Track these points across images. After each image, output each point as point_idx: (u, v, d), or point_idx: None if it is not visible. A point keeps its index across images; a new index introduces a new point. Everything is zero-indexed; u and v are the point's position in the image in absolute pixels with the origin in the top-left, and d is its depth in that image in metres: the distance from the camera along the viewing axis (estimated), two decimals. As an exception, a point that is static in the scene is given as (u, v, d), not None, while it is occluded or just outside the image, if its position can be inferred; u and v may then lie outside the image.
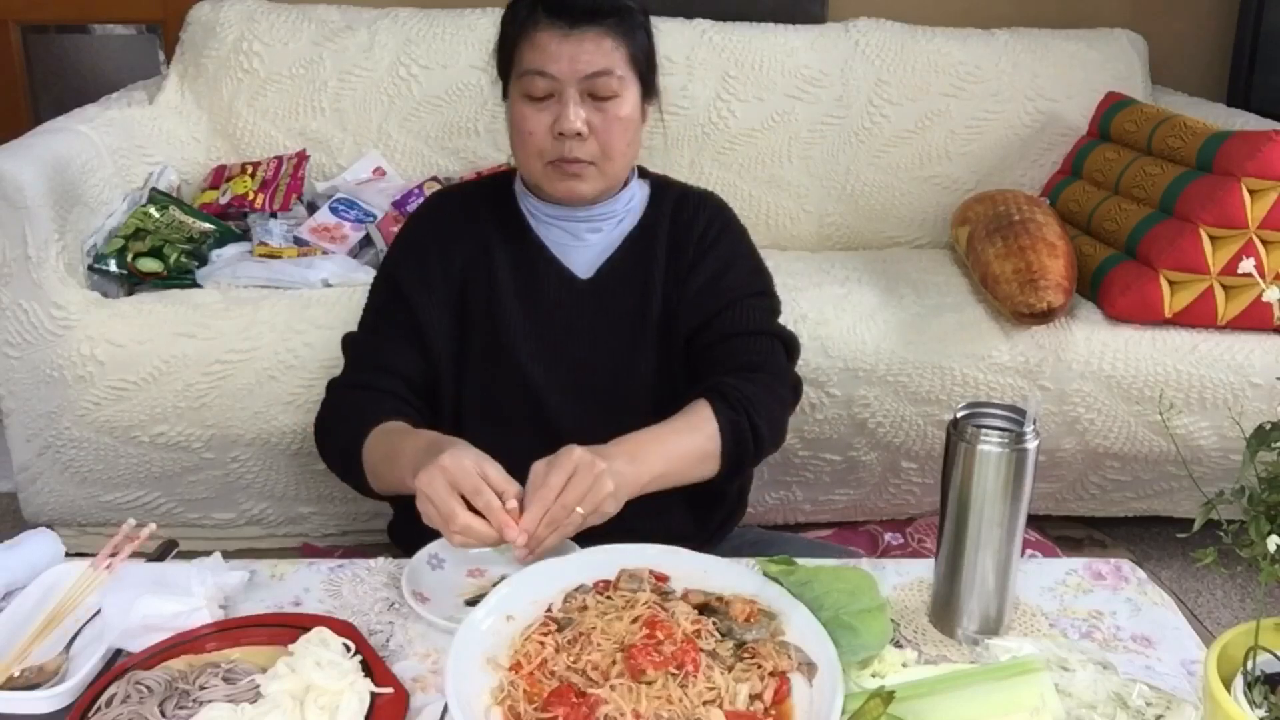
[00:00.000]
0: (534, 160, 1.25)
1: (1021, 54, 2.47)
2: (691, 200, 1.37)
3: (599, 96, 1.21)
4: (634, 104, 1.25)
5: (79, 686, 0.87)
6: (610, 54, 1.20)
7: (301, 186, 2.27)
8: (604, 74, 1.20)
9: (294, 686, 0.83)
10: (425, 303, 1.29)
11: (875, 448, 1.96)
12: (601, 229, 1.32)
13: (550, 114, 1.21)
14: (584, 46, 1.19)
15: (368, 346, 1.32)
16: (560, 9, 1.20)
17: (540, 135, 1.22)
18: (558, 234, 1.32)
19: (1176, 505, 2.09)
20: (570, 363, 1.30)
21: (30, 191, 1.73)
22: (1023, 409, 0.94)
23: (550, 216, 1.31)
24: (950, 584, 0.97)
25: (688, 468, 1.17)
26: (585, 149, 1.22)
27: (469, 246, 1.32)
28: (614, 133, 1.23)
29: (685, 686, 0.82)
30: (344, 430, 1.23)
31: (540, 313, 1.30)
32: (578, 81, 1.20)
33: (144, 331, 1.80)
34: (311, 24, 2.39)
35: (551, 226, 1.32)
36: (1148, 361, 1.91)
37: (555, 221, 1.31)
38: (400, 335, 1.29)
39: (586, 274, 1.32)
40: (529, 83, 1.21)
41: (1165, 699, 0.87)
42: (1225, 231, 1.87)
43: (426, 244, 1.33)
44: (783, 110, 2.42)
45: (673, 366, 1.32)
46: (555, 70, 1.19)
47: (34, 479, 1.90)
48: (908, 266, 2.19)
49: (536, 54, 1.20)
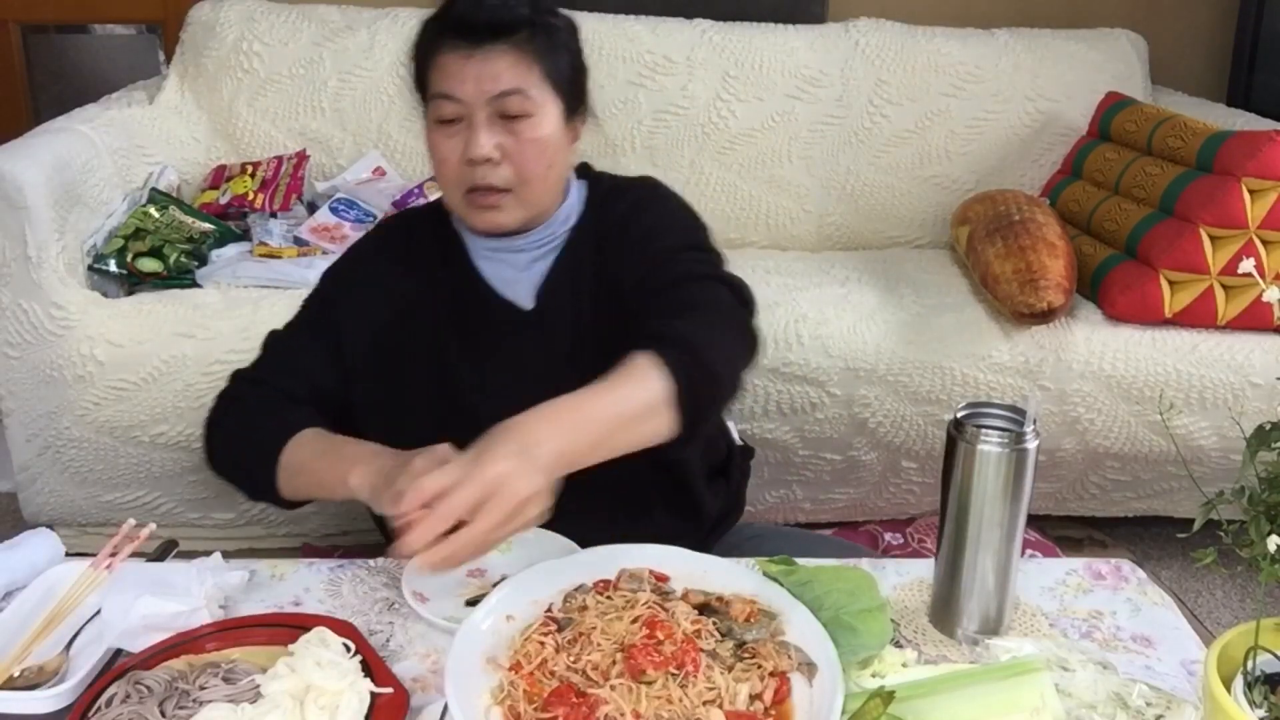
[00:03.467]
0: (452, 190, 1.17)
1: (1021, 54, 2.47)
2: (616, 192, 1.27)
3: (510, 117, 1.12)
4: (553, 123, 1.15)
5: (79, 686, 0.87)
6: (520, 72, 1.12)
7: (301, 186, 2.27)
8: (513, 93, 1.12)
9: (294, 686, 0.83)
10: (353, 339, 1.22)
11: (875, 447, 1.96)
12: (541, 255, 1.23)
13: (461, 139, 1.13)
14: (489, 66, 1.11)
15: (287, 351, 1.24)
16: (461, 27, 1.12)
17: (453, 163, 1.14)
18: (499, 267, 1.23)
19: (1176, 505, 2.09)
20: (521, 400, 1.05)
21: (30, 191, 1.73)
22: (1023, 409, 0.94)
23: (488, 250, 1.23)
24: (950, 584, 0.97)
25: (634, 426, 0.98)
26: (499, 175, 1.14)
27: (409, 285, 1.23)
28: (529, 156, 1.14)
29: (685, 686, 0.82)
30: (256, 425, 1.16)
31: (484, 351, 1.22)
32: (486, 103, 1.11)
33: (144, 331, 1.80)
34: (311, 24, 2.39)
35: (491, 260, 1.23)
36: (1148, 361, 1.91)
37: (494, 254, 1.23)
38: (322, 350, 1.22)
39: (529, 304, 1.23)
40: (437, 107, 1.14)
41: (1165, 699, 0.87)
42: (1225, 231, 1.87)
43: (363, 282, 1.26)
44: (783, 110, 2.42)
45: None
46: (460, 92, 1.11)
47: (34, 479, 1.90)
48: (908, 266, 2.19)
49: (441, 76, 1.13)
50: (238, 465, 1.19)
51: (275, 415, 1.17)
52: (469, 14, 1.12)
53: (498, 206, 1.16)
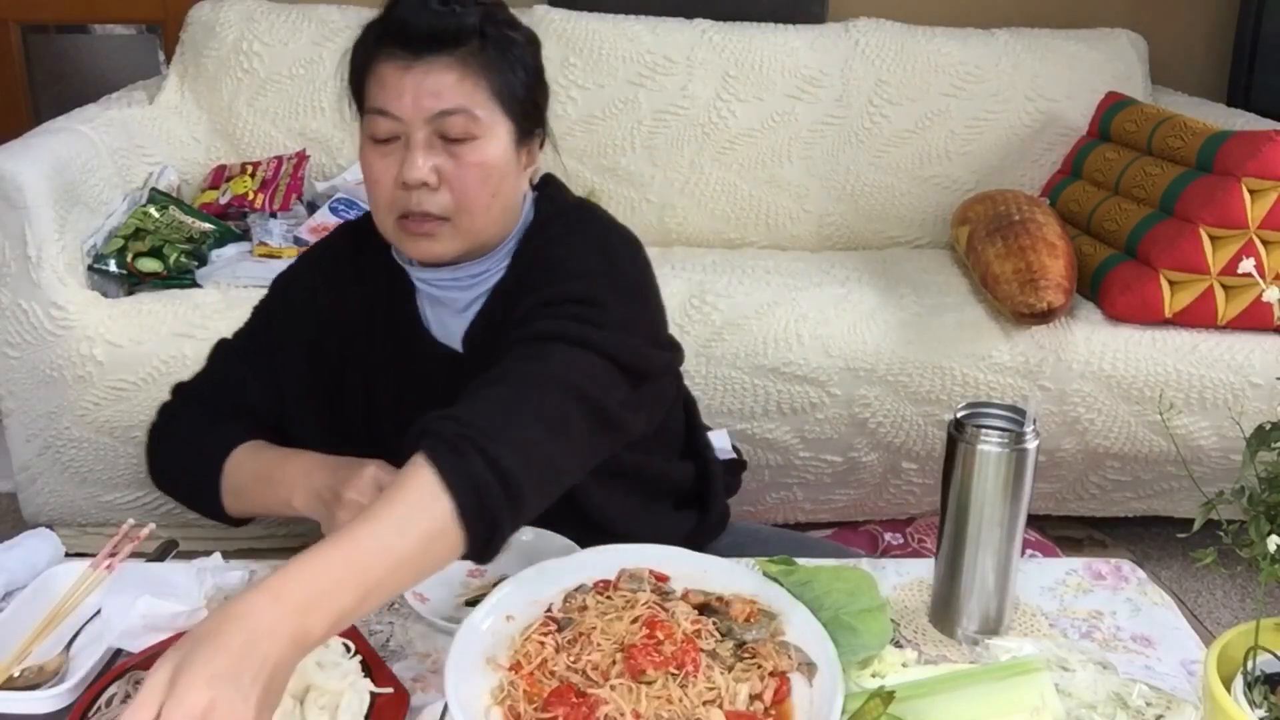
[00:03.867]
0: (384, 213, 1.05)
1: (1021, 54, 2.47)
2: (549, 228, 1.12)
3: (451, 139, 1.02)
4: (501, 147, 1.04)
5: (79, 686, 0.87)
6: (464, 89, 1.01)
7: (301, 186, 2.27)
8: (455, 113, 1.00)
9: (294, 686, 0.83)
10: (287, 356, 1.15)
11: (875, 448, 1.96)
12: (478, 290, 1.11)
13: (396, 160, 1.02)
14: (429, 80, 1.00)
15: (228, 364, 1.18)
16: (401, 36, 1.01)
17: (386, 185, 1.03)
18: (436, 306, 1.12)
19: (1176, 505, 2.09)
20: None
21: (30, 191, 1.74)
22: (1023, 409, 0.94)
23: (424, 281, 1.11)
24: (950, 584, 0.97)
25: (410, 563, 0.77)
26: (436, 201, 1.02)
27: (349, 310, 1.15)
28: (470, 182, 1.02)
29: (685, 686, 0.82)
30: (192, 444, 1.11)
31: (413, 393, 1.11)
32: (425, 122, 1.01)
33: (143, 331, 1.80)
34: (311, 24, 2.39)
35: (431, 295, 1.12)
36: (1148, 361, 1.91)
37: (434, 288, 1.11)
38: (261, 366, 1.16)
39: (457, 342, 1.12)
40: (372, 123, 1.03)
41: (1165, 699, 0.87)
42: (1225, 231, 1.87)
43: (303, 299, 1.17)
44: (783, 110, 2.42)
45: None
46: (397, 109, 1.01)
47: (34, 479, 1.90)
48: (908, 266, 2.19)
49: (378, 89, 1.02)
50: (178, 485, 1.15)
51: (209, 433, 1.11)
52: (410, 19, 1.01)
53: (432, 235, 1.04)
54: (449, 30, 1.01)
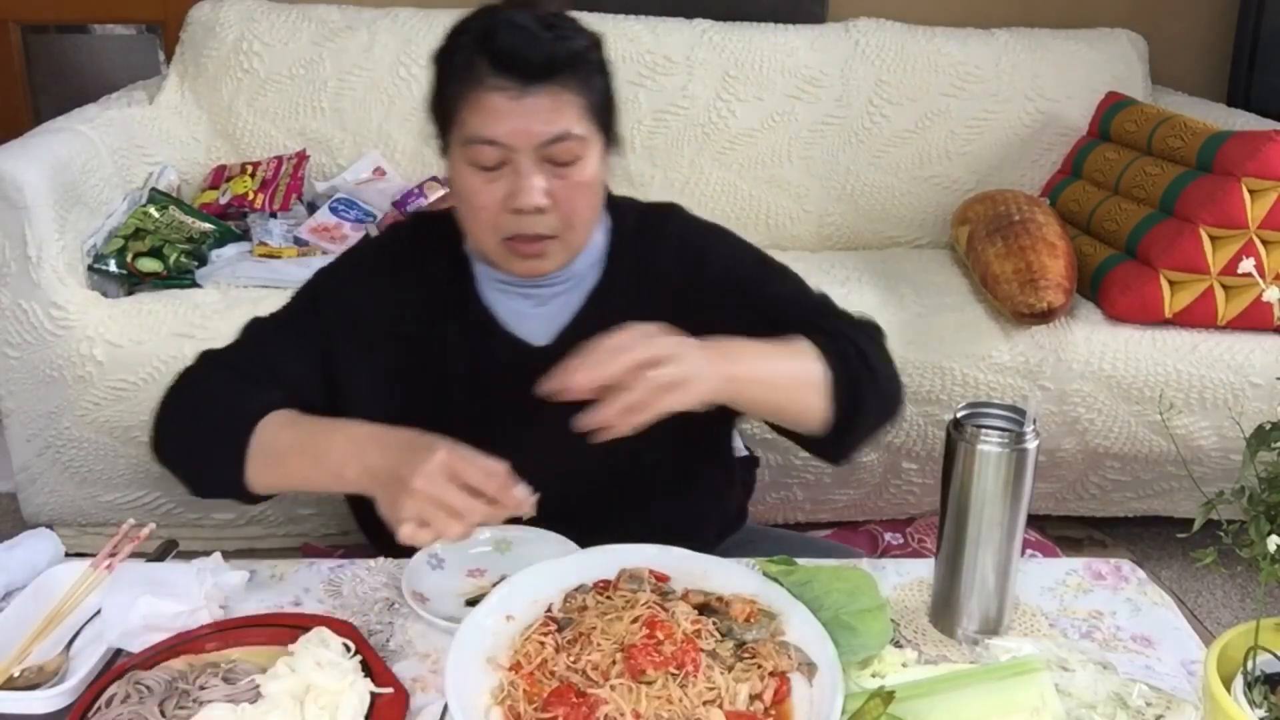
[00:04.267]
0: (487, 235, 1.07)
1: (1021, 54, 2.47)
2: (650, 231, 1.19)
3: (559, 163, 1.03)
4: (597, 161, 1.07)
5: (79, 686, 0.87)
6: (569, 113, 1.02)
7: (301, 186, 2.27)
8: (564, 138, 1.02)
9: (294, 686, 0.83)
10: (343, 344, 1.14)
11: (876, 448, 1.96)
12: (560, 290, 1.15)
13: (504, 185, 1.03)
14: (540, 109, 1.00)
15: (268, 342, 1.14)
16: (510, 65, 1.00)
17: (493, 210, 1.04)
18: (510, 300, 1.15)
19: (1176, 505, 2.09)
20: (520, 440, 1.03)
21: (30, 191, 1.74)
22: (1023, 409, 0.94)
23: (503, 283, 1.14)
24: (950, 584, 0.97)
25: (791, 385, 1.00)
26: (545, 223, 1.04)
27: (411, 298, 1.15)
28: (577, 201, 1.05)
29: (685, 686, 0.82)
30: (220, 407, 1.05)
31: (485, 385, 1.14)
32: (534, 149, 1.01)
33: (143, 331, 1.80)
34: (311, 24, 2.39)
35: (507, 293, 1.15)
36: (1148, 361, 1.91)
37: (510, 289, 1.14)
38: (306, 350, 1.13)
39: (543, 340, 1.14)
40: (476, 152, 1.02)
41: (1165, 699, 0.87)
42: (1225, 231, 1.87)
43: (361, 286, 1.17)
44: (783, 110, 2.42)
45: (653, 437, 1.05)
46: (507, 138, 1.01)
47: (34, 479, 1.90)
48: (908, 266, 2.19)
49: (482, 119, 1.01)
50: (192, 452, 1.07)
51: (243, 397, 1.05)
52: (522, 50, 1.00)
53: (543, 254, 1.07)
54: (561, 59, 1.01)
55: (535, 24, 1.02)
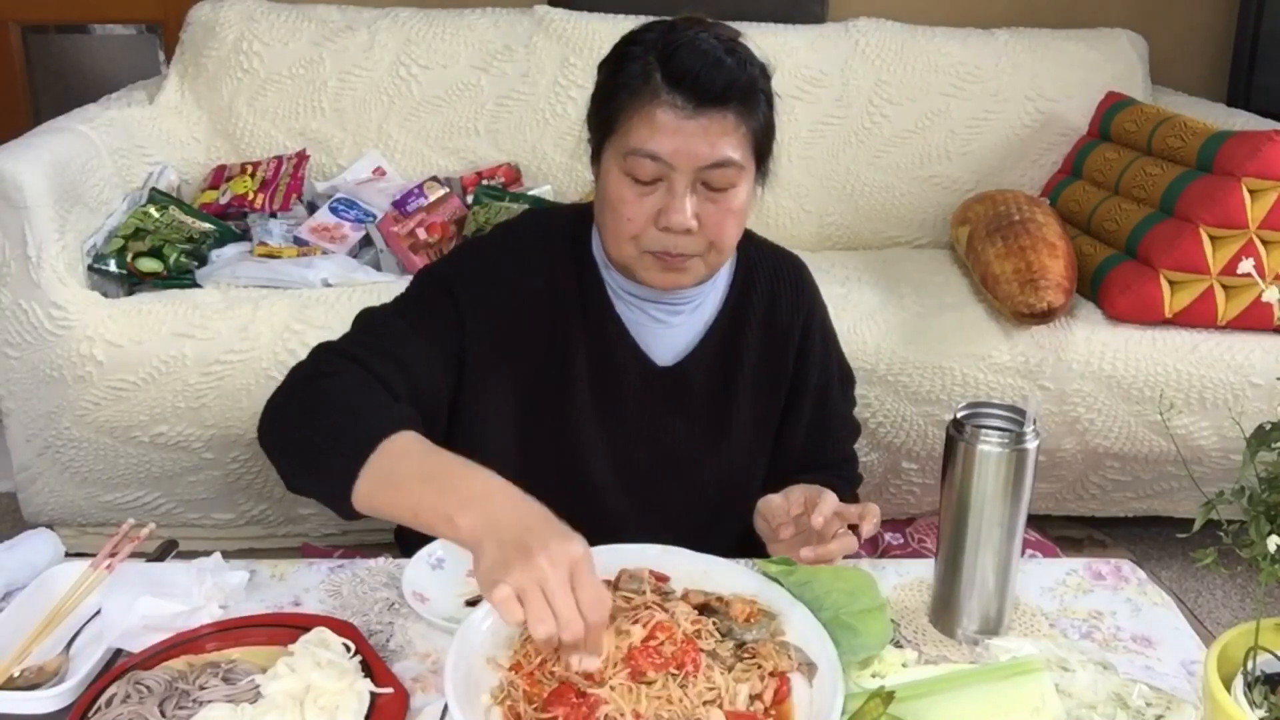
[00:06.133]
0: (627, 245, 1.08)
1: (1021, 54, 2.47)
2: (785, 279, 1.23)
3: (714, 188, 1.05)
4: (749, 189, 1.09)
5: (79, 686, 0.87)
6: (733, 141, 1.03)
7: (301, 186, 2.27)
8: (725, 165, 1.03)
9: (294, 686, 0.83)
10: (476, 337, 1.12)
11: (875, 448, 1.96)
12: (683, 311, 1.17)
13: (656, 201, 1.04)
14: (708, 132, 1.02)
15: (391, 337, 1.08)
16: (688, 85, 1.01)
17: (640, 223, 1.05)
18: (638, 314, 1.16)
19: (1176, 505, 2.09)
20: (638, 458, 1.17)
21: (30, 191, 1.73)
22: (1023, 409, 0.94)
23: (631, 295, 1.15)
24: (950, 584, 0.97)
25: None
26: (691, 243, 1.06)
27: (547, 315, 1.15)
28: (726, 227, 1.07)
29: (685, 686, 0.82)
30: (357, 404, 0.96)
31: (604, 391, 1.16)
32: (693, 170, 1.03)
33: (143, 331, 1.80)
34: (311, 24, 2.39)
35: (632, 305, 1.16)
36: (1148, 361, 1.91)
37: (637, 301, 1.16)
38: (435, 350, 1.10)
39: (666, 360, 1.17)
40: (635, 164, 1.03)
41: (1165, 699, 0.87)
42: (1225, 231, 1.87)
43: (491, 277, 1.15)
44: (783, 110, 2.37)
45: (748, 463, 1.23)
46: (670, 156, 1.02)
47: (34, 479, 1.90)
48: (908, 266, 2.19)
49: (650, 133, 1.02)
50: (304, 449, 0.96)
51: (375, 407, 0.96)
52: (704, 72, 1.01)
53: (684, 270, 1.09)
54: (738, 86, 1.03)
55: (717, 47, 1.03)
